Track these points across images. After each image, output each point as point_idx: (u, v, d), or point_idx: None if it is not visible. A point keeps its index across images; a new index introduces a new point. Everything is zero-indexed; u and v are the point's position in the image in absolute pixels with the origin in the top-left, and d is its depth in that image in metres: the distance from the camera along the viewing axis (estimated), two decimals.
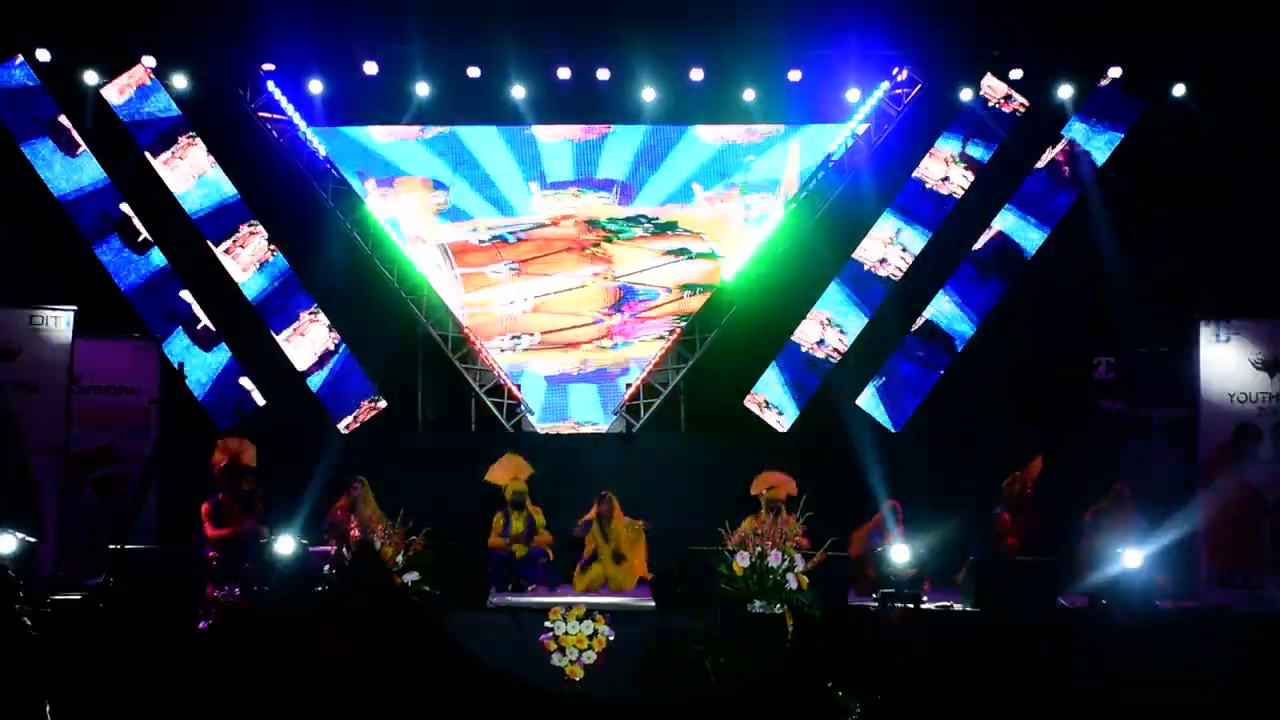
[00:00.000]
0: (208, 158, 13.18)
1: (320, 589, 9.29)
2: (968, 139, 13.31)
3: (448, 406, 13.60)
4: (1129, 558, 9.55)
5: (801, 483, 10.86)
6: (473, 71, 12.88)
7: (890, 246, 13.39)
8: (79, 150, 12.92)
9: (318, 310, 13.31)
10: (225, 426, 12.49)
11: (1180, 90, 12.65)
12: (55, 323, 10.81)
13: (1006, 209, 13.27)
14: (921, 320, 13.32)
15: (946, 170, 13.37)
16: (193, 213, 13.15)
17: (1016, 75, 13.06)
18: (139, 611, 8.42)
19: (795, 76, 12.97)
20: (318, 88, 12.96)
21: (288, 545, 9.65)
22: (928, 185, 13.39)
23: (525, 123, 13.31)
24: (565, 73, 12.89)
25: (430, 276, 13.46)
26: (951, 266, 13.33)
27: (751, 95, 13.07)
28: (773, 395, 13.38)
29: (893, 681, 8.29)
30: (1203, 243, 12.49)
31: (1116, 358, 12.23)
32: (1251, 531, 10.76)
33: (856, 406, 13.26)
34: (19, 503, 9.57)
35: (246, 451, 10.88)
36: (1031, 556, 10.17)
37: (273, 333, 13.23)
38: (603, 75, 12.94)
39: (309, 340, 13.30)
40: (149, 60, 12.84)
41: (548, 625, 8.62)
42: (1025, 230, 13.22)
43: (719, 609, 8.78)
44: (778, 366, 13.40)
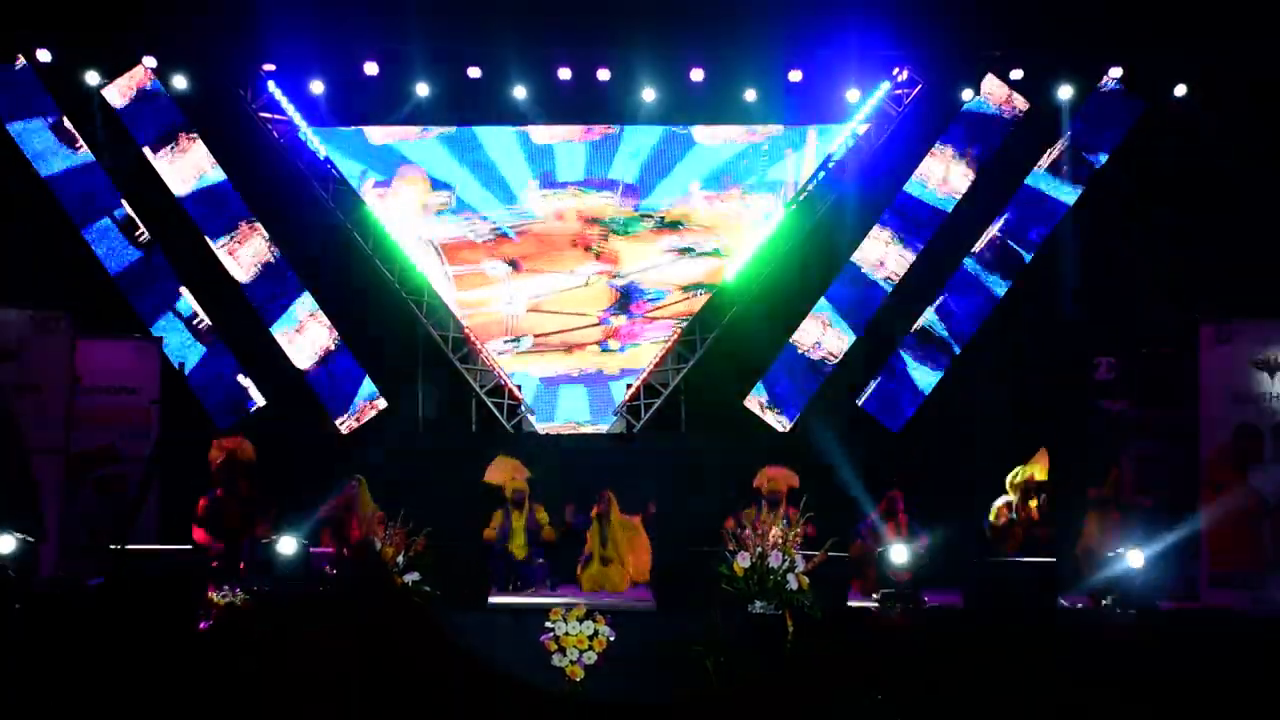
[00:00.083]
0: (208, 156, 13.19)
1: (321, 589, 9.29)
2: (968, 141, 13.31)
3: (448, 407, 13.60)
4: (1131, 558, 9.54)
5: (802, 483, 10.85)
6: (473, 72, 12.89)
7: (890, 247, 13.39)
8: (78, 146, 12.94)
9: (317, 310, 13.32)
10: (225, 426, 12.50)
11: (1181, 90, 12.64)
12: (56, 323, 10.81)
13: (1007, 210, 13.27)
14: (922, 321, 13.32)
15: (947, 172, 13.37)
16: (192, 209, 13.16)
17: (1017, 75, 13.05)
18: (139, 611, 8.41)
19: (796, 77, 12.97)
20: (319, 88, 12.96)
21: (289, 545, 9.65)
22: (928, 187, 13.39)
23: (526, 123, 13.32)
24: (566, 73, 12.90)
25: (430, 276, 13.45)
26: (952, 267, 13.33)
27: (752, 95, 13.07)
28: (773, 396, 13.38)
29: (893, 682, 8.28)
30: (1203, 243, 12.49)
31: (1117, 358, 12.22)
32: (1253, 532, 10.75)
33: (857, 407, 13.27)
34: (19, 503, 9.57)
35: (244, 449, 10.79)
36: (1033, 556, 10.16)
37: (271, 331, 13.23)
38: (603, 75, 12.95)
39: (308, 339, 13.31)
40: (150, 61, 12.84)
41: (548, 626, 8.60)
42: (1026, 231, 13.24)
43: (720, 609, 8.77)
44: (777, 368, 13.40)
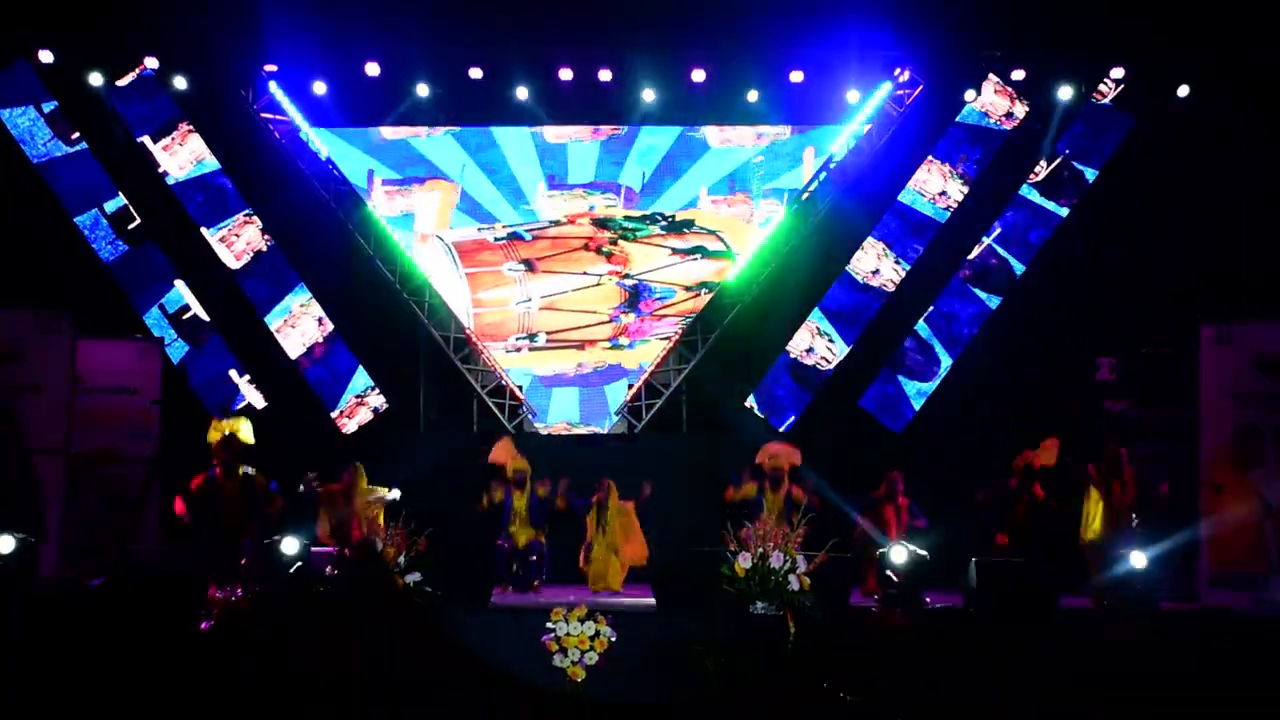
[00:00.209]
0: (206, 148, 13.25)
1: (322, 589, 9.30)
2: (966, 150, 13.32)
3: (449, 407, 13.60)
4: (1134, 558, 9.55)
5: (803, 483, 10.86)
6: (475, 73, 12.90)
7: (884, 260, 13.41)
8: (75, 139, 12.99)
9: (311, 301, 13.35)
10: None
11: (1184, 91, 12.64)
12: (57, 323, 10.82)
13: (1009, 210, 13.29)
14: (922, 322, 13.34)
15: (944, 184, 13.38)
16: (187, 201, 13.19)
17: (1018, 76, 13.06)
18: (140, 612, 8.42)
19: (797, 78, 12.97)
20: (321, 89, 12.97)
21: (291, 545, 9.65)
22: (924, 197, 13.40)
23: (529, 123, 13.34)
24: (567, 74, 12.90)
25: (433, 277, 13.46)
26: (953, 267, 13.35)
27: (755, 97, 13.08)
28: (772, 398, 13.40)
29: (894, 682, 8.28)
30: (1204, 244, 12.49)
31: (1119, 359, 12.23)
32: (1254, 533, 10.75)
33: (858, 407, 13.28)
34: (21, 503, 9.58)
35: (241, 428, 10.35)
36: (1037, 534, 10.18)
37: (265, 321, 13.30)
38: (604, 76, 12.95)
39: (299, 331, 13.33)
40: (152, 61, 12.85)
41: (549, 626, 8.58)
42: (1026, 234, 13.26)
43: (721, 610, 8.77)
44: (775, 371, 13.43)
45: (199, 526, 10.07)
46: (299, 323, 13.36)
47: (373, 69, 12.83)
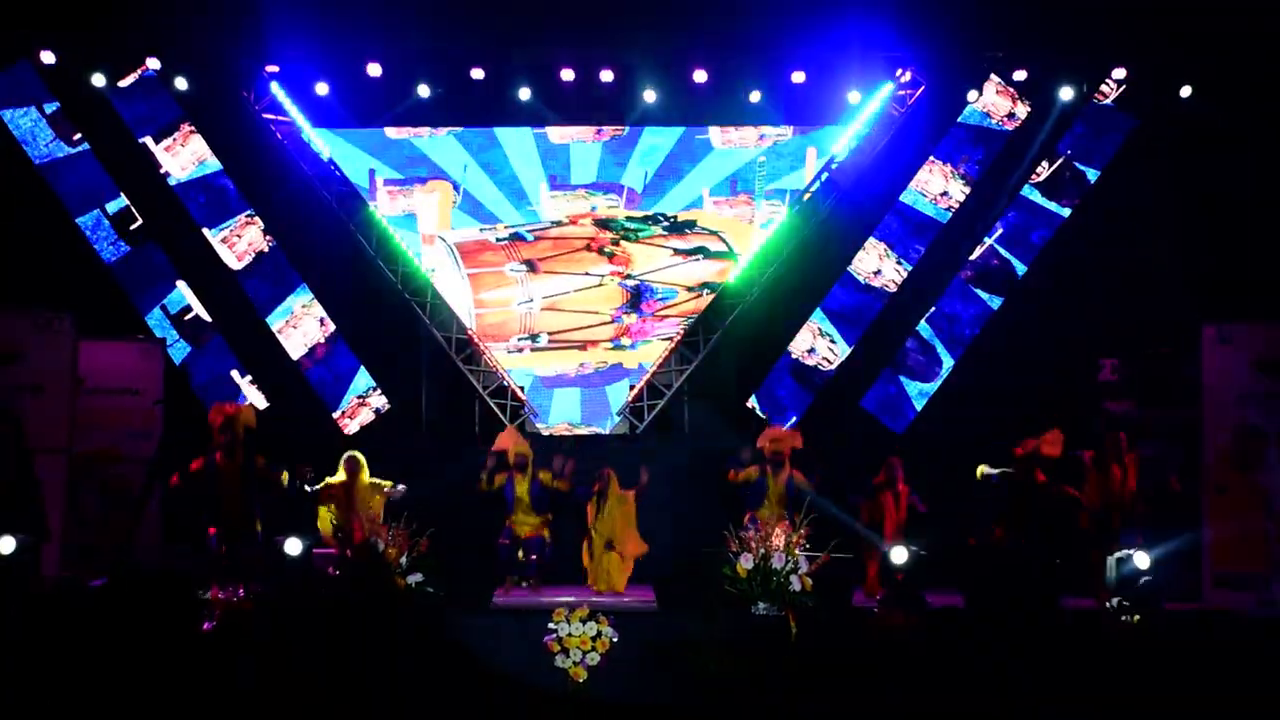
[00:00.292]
0: (208, 148, 13.24)
1: (323, 591, 9.30)
2: (968, 150, 13.32)
3: (451, 408, 13.59)
4: (1138, 559, 9.54)
5: (808, 471, 10.87)
6: (476, 73, 12.90)
7: (885, 261, 13.40)
8: (77, 140, 12.98)
9: (312, 302, 13.34)
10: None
11: (1186, 91, 12.62)
12: (59, 323, 10.83)
13: (1011, 211, 13.28)
14: (924, 322, 13.34)
15: (946, 185, 13.37)
16: (189, 202, 13.18)
17: (1020, 76, 13.05)
18: (141, 613, 8.42)
19: (799, 78, 12.96)
20: (323, 89, 12.97)
21: (295, 546, 9.65)
22: (926, 198, 13.40)
23: (531, 124, 13.34)
24: (569, 74, 12.90)
25: (435, 278, 13.46)
26: (955, 268, 13.34)
27: (757, 97, 13.07)
28: (774, 399, 13.39)
29: (895, 682, 8.28)
30: (1206, 244, 12.48)
31: (1121, 359, 12.22)
32: (1258, 534, 10.74)
33: (860, 408, 13.27)
34: (22, 503, 9.58)
35: (244, 412, 10.36)
36: (1042, 517, 10.18)
37: (267, 322, 13.27)
38: (606, 77, 12.94)
39: (301, 332, 13.34)
40: (153, 62, 12.84)
41: (551, 627, 8.59)
42: (1028, 234, 13.26)
43: (723, 611, 8.78)
44: (776, 371, 13.43)
45: (198, 511, 10.02)
46: (301, 323, 13.36)
47: (375, 69, 12.82)
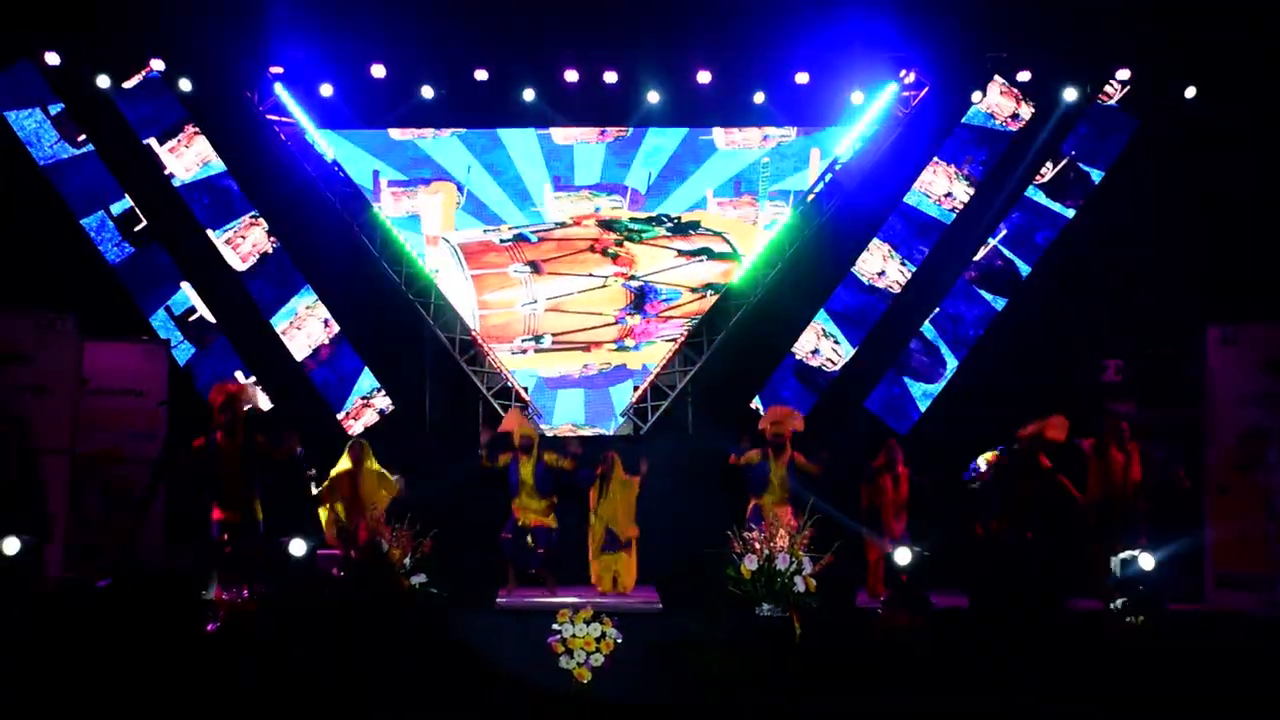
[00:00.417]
0: (212, 150, 13.27)
1: (327, 591, 9.31)
2: (972, 151, 13.31)
3: (455, 410, 13.60)
4: (1141, 560, 9.54)
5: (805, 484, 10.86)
6: (480, 74, 12.91)
7: (889, 262, 13.41)
8: (82, 141, 13.00)
9: (316, 303, 13.36)
10: None
11: (1190, 92, 12.61)
12: (62, 324, 10.85)
13: (1014, 211, 13.29)
14: (928, 323, 13.34)
15: (950, 185, 13.38)
16: (193, 203, 13.20)
17: (1024, 77, 13.05)
18: (145, 613, 8.43)
19: (803, 79, 12.96)
20: (327, 90, 12.98)
21: (299, 547, 9.66)
22: (930, 199, 13.40)
23: (535, 125, 13.35)
24: (573, 76, 12.91)
25: (439, 279, 13.47)
26: (959, 269, 13.34)
27: (760, 98, 13.07)
28: (778, 399, 13.38)
29: (898, 683, 8.28)
30: (1209, 245, 12.47)
31: (1125, 360, 12.21)
32: (1261, 534, 10.74)
33: (864, 409, 13.27)
34: (26, 503, 9.59)
35: (246, 391, 10.25)
36: (1042, 508, 10.17)
37: (271, 323, 13.28)
38: (610, 78, 12.95)
39: (305, 333, 13.35)
40: (157, 63, 12.86)
41: (555, 627, 8.59)
42: (1032, 235, 13.27)
43: (727, 611, 8.77)
44: (779, 373, 13.43)
45: (199, 490, 9.95)
46: (305, 324, 13.37)
47: (379, 71, 12.84)
